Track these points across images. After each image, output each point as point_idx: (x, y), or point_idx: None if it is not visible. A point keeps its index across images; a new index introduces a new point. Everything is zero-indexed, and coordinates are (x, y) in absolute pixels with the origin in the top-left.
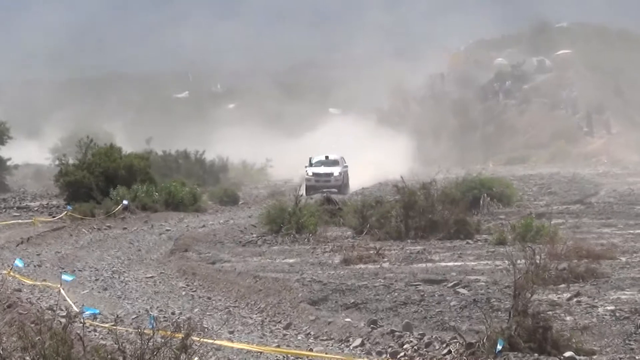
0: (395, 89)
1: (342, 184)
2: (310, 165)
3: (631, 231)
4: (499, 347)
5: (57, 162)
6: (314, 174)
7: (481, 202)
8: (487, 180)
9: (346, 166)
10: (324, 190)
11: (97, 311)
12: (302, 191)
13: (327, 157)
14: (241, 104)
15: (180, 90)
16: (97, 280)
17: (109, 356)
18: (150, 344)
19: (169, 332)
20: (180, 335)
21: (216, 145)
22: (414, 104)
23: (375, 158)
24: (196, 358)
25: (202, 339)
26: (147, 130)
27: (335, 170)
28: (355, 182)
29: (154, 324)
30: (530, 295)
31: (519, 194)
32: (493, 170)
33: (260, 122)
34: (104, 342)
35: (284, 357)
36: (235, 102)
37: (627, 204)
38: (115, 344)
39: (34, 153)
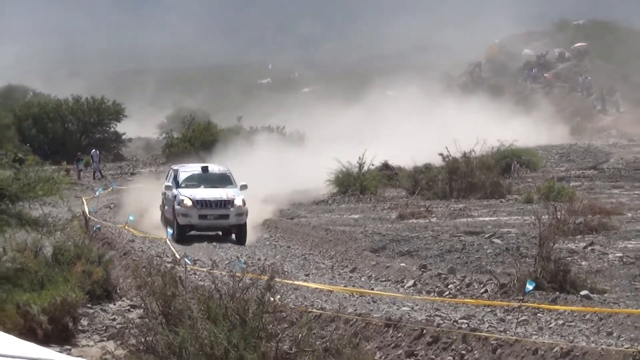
0: (442, 76)
1: (245, 222)
2: (177, 184)
3: (636, 192)
4: (530, 287)
5: (164, 136)
6: (198, 202)
7: (512, 168)
8: (517, 150)
9: (244, 186)
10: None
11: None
12: (168, 233)
13: (205, 169)
14: (314, 88)
15: (264, 77)
16: (196, 232)
17: (207, 294)
18: (240, 284)
19: (256, 275)
20: (265, 278)
21: (294, 121)
22: (457, 88)
23: (427, 133)
24: (278, 296)
25: (283, 280)
26: (237, 110)
27: (237, 196)
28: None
29: (244, 268)
30: (552, 244)
31: (543, 161)
32: (521, 141)
33: (332, 103)
34: (202, 283)
35: (350, 294)
36: (310, 87)
37: (633, 170)
38: (212, 284)
39: (145, 128)
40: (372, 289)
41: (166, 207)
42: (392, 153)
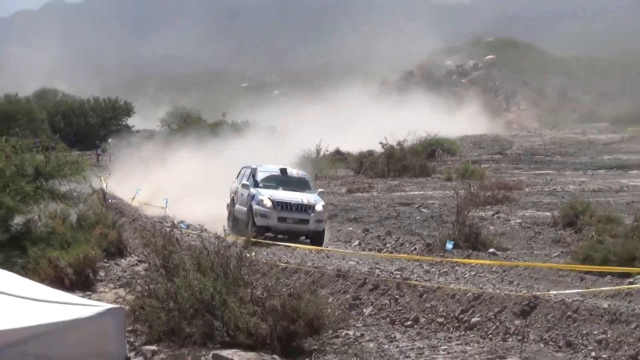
0: (382, 81)
1: (323, 229)
2: (255, 184)
3: (532, 172)
4: (450, 246)
5: (165, 127)
6: (278, 204)
7: (436, 153)
8: (440, 139)
9: (322, 192)
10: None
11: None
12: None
13: (284, 171)
14: (283, 91)
15: (243, 82)
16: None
17: (197, 251)
18: (223, 244)
19: (236, 237)
20: (243, 239)
21: (266, 116)
22: (394, 90)
23: (371, 127)
24: (254, 253)
25: (258, 241)
26: (222, 108)
27: (318, 202)
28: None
29: (226, 232)
30: (467, 213)
31: (460, 148)
32: (444, 133)
33: (296, 102)
34: (194, 243)
35: (309, 251)
36: (279, 90)
37: (530, 155)
38: (201, 244)
39: (147, 122)
40: (327, 247)
41: (237, 205)
42: (342, 141)
